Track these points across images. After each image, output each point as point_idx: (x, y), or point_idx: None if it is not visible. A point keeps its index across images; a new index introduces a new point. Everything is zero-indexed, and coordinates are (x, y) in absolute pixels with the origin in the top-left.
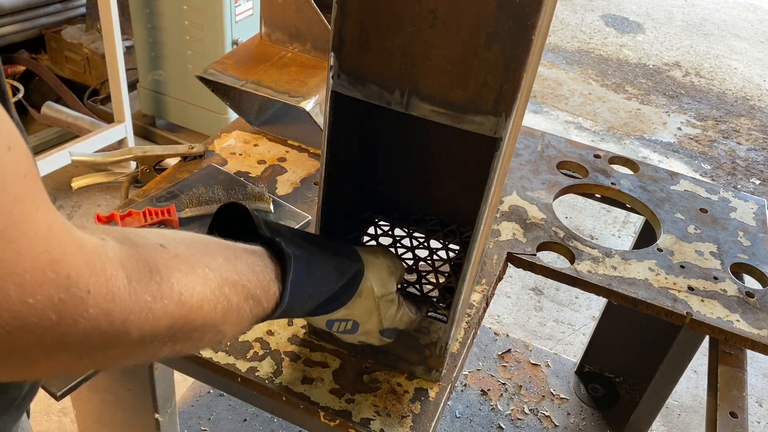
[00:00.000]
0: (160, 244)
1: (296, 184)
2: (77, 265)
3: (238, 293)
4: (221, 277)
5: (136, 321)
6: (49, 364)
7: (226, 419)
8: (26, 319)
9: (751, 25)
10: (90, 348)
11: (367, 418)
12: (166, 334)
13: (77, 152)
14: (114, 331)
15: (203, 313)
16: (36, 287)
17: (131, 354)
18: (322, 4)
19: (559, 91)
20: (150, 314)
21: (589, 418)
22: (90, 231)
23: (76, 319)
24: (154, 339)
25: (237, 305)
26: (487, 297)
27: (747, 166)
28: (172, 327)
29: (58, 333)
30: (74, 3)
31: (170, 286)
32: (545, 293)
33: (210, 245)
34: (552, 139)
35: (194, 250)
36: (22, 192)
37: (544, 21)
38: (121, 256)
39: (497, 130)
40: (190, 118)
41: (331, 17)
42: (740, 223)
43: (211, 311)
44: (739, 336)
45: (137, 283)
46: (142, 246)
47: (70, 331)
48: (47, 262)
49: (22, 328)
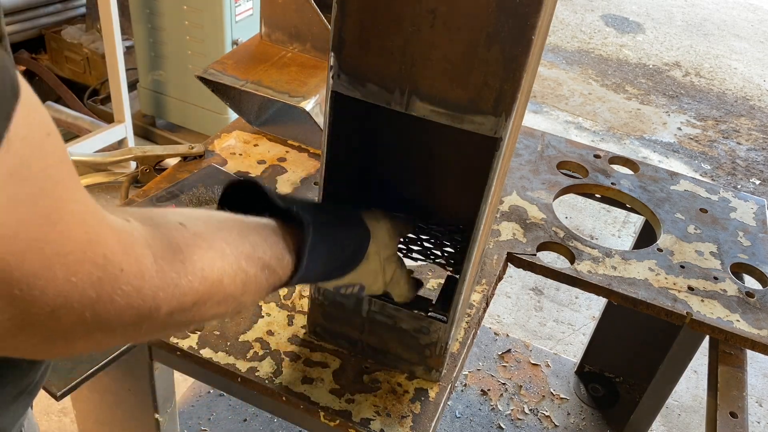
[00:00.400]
0: (180, 223)
1: (296, 184)
2: (111, 244)
3: (254, 264)
4: (237, 250)
5: (164, 297)
6: (85, 341)
7: (226, 419)
8: (69, 296)
9: (751, 25)
10: (124, 324)
11: (367, 418)
12: (192, 309)
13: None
14: (146, 308)
15: (223, 286)
16: (78, 266)
17: (160, 328)
18: (322, 4)
19: (559, 91)
20: (177, 290)
21: (589, 418)
22: (115, 212)
23: (112, 297)
24: (181, 313)
25: (254, 276)
26: (487, 297)
27: (747, 166)
28: (197, 302)
29: (96, 310)
30: (74, 3)
31: (193, 263)
32: (545, 293)
33: (225, 221)
34: (552, 139)
35: (211, 227)
36: (61, 176)
37: (544, 21)
38: (145, 236)
39: (497, 130)
40: (190, 118)
41: (331, 17)
42: (740, 223)
43: (231, 284)
44: (739, 336)
45: (163, 261)
46: (164, 225)
47: (106, 308)
48: (86, 243)
49: (65, 306)
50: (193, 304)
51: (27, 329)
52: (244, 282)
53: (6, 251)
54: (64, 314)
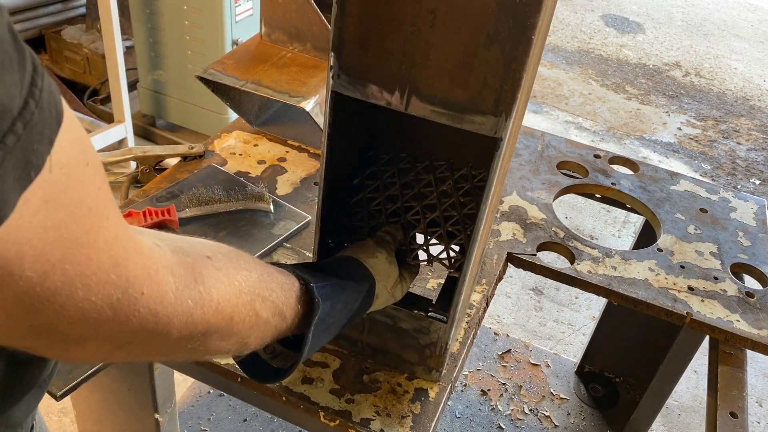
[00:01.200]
0: (207, 256)
1: (296, 184)
2: (135, 269)
3: (267, 308)
4: (254, 292)
5: (177, 323)
6: (94, 351)
7: (226, 419)
8: (87, 313)
9: (751, 25)
10: (133, 343)
11: (367, 418)
12: (200, 338)
13: None
14: (158, 331)
15: (233, 323)
16: (99, 287)
17: (167, 352)
18: (322, 4)
19: (559, 91)
20: (191, 318)
21: (589, 418)
22: (147, 236)
23: (129, 317)
24: (190, 340)
25: (265, 319)
26: (487, 297)
27: (747, 166)
28: (206, 332)
29: (110, 328)
30: (74, 3)
31: (210, 294)
32: (545, 293)
33: (249, 262)
34: (552, 139)
35: (236, 265)
36: (95, 204)
37: (544, 21)
38: (172, 262)
39: (497, 130)
40: (190, 118)
41: (331, 17)
42: (740, 223)
43: (240, 323)
44: (739, 336)
45: (184, 289)
46: (191, 256)
47: (121, 327)
48: (111, 266)
49: (82, 321)
50: (203, 334)
51: (44, 336)
52: (254, 324)
53: (30, 268)
54: (79, 327)
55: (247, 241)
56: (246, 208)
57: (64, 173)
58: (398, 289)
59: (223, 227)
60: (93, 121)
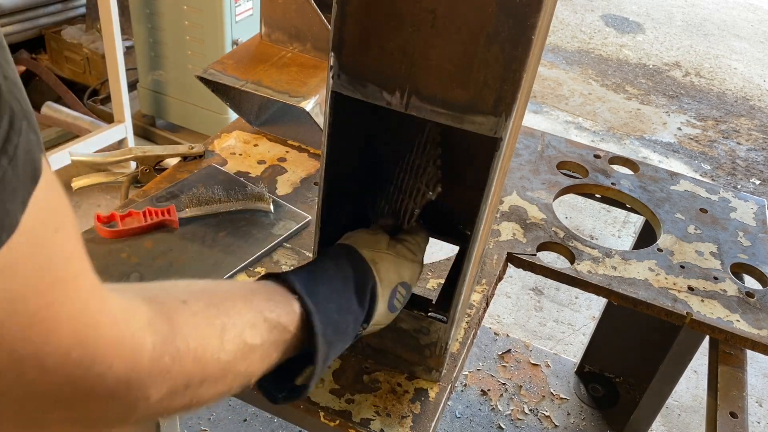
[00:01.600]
0: (183, 301)
1: (296, 184)
2: (104, 343)
3: (260, 331)
4: (241, 323)
5: (154, 384)
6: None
7: (226, 419)
8: (41, 392)
9: (751, 25)
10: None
11: (367, 418)
12: (186, 392)
13: (77, 152)
14: (133, 397)
15: (220, 364)
16: (57, 368)
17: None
18: (322, 4)
19: (559, 91)
20: (169, 375)
21: (589, 418)
22: (121, 293)
23: (95, 391)
24: (174, 397)
25: (260, 344)
26: (487, 297)
27: (747, 166)
28: (190, 384)
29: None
30: (74, 3)
31: (187, 345)
32: (545, 293)
33: (229, 291)
34: (552, 139)
35: (215, 299)
36: (63, 273)
37: (544, 21)
38: (149, 317)
39: (497, 130)
40: (190, 118)
41: (331, 17)
42: (740, 223)
43: (230, 360)
44: (739, 336)
45: (162, 345)
46: (167, 303)
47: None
48: (73, 344)
49: (36, 399)
50: (186, 387)
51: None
52: (247, 354)
53: None
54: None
55: (247, 241)
56: (246, 208)
57: (29, 240)
58: (405, 266)
59: (223, 227)
60: (93, 121)
